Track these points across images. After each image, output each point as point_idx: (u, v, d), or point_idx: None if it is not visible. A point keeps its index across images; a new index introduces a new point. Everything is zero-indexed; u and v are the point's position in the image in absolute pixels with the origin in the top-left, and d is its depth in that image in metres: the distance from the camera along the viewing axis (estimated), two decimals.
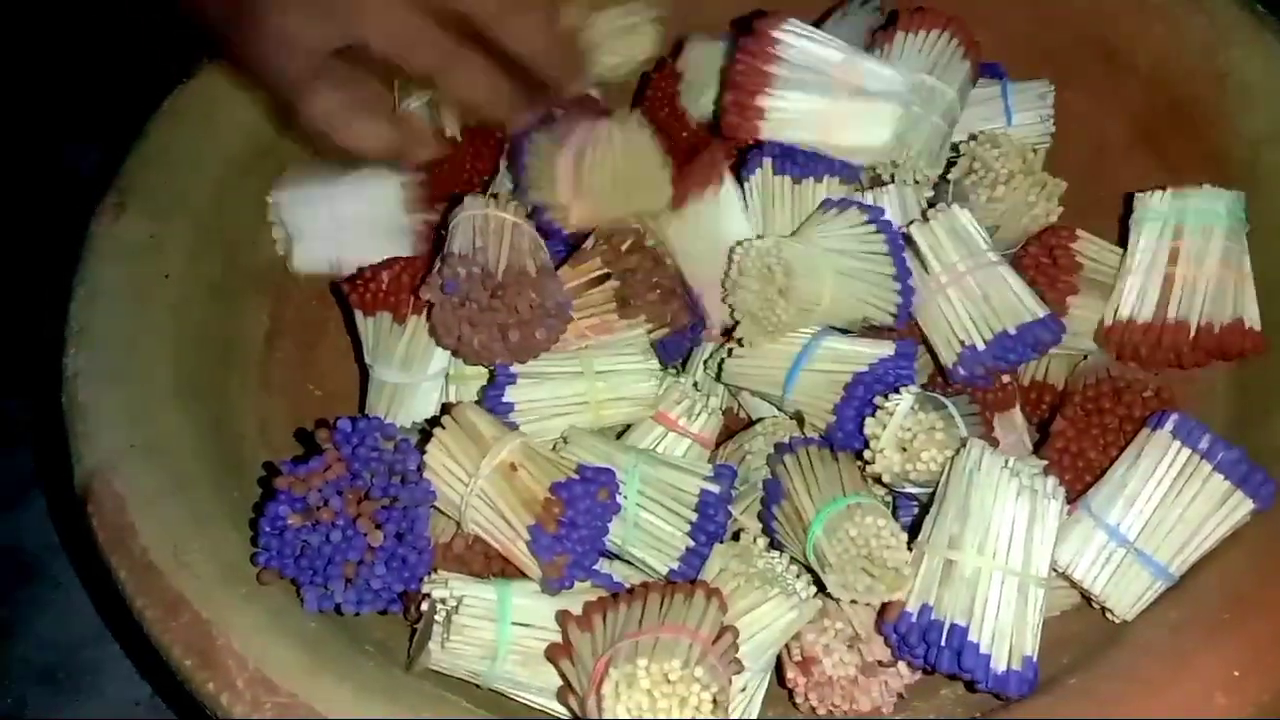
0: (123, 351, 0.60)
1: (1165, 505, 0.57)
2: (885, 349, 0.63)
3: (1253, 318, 0.64)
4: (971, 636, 0.53)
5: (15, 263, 0.93)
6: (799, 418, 0.65)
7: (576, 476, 0.57)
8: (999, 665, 0.53)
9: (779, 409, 0.66)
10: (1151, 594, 0.57)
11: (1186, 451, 0.57)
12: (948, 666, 0.54)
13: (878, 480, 0.60)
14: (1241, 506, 0.56)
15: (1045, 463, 0.62)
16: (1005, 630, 0.53)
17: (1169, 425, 0.58)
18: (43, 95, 1.02)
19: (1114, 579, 0.57)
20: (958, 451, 0.58)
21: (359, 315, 0.68)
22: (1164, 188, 0.66)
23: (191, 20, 0.57)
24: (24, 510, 0.81)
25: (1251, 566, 0.55)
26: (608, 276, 0.66)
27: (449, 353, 0.65)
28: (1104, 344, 0.67)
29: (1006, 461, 0.56)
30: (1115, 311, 0.66)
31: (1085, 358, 0.68)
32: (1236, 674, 0.50)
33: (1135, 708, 0.50)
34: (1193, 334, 0.64)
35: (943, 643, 0.53)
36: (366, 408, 0.68)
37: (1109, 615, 0.58)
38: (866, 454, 0.59)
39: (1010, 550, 0.55)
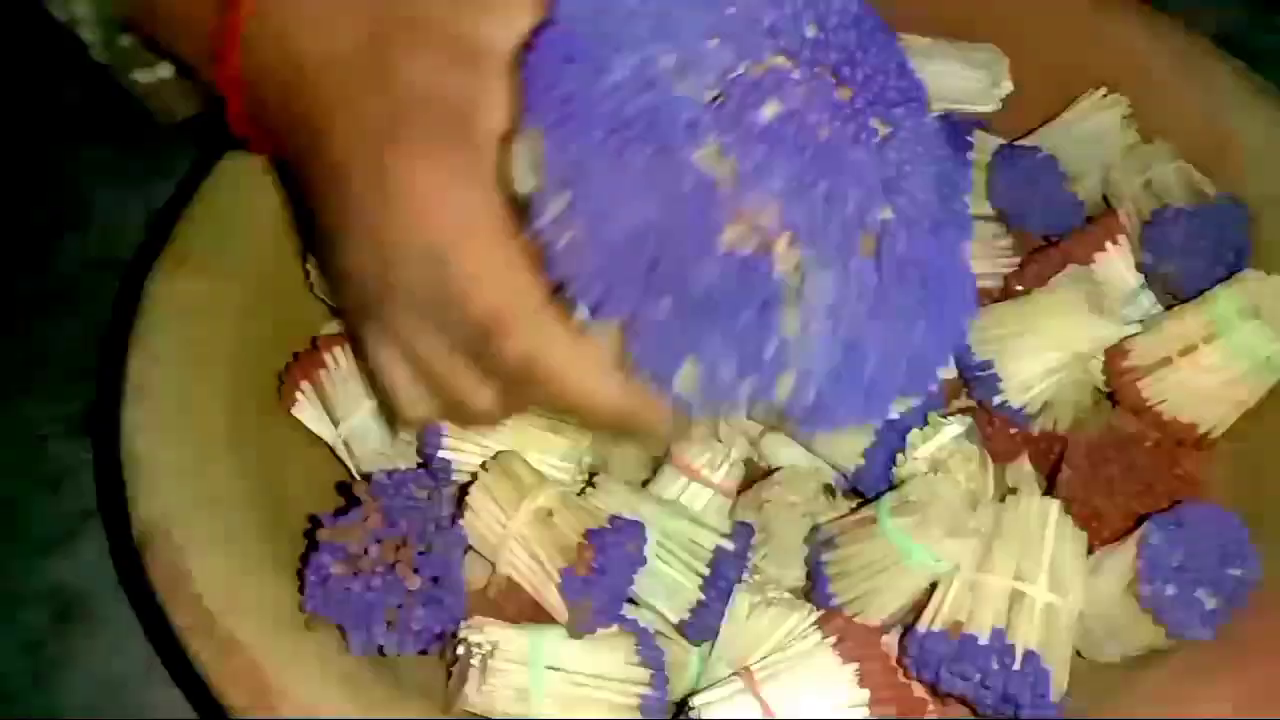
0: (178, 407, 0.62)
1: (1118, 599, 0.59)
2: (915, 398, 0.64)
3: (1210, 426, 0.65)
4: (1044, 664, 0.54)
5: (62, 297, 0.95)
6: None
7: (609, 526, 0.60)
8: (1055, 696, 0.54)
9: (807, 448, 0.68)
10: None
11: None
12: (1015, 691, 0.53)
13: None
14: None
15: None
16: (1061, 662, 0.55)
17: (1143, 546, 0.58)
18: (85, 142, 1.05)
19: None
20: (1011, 492, 0.60)
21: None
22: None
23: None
24: (72, 549, 0.82)
25: (1251, 610, 0.56)
26: None
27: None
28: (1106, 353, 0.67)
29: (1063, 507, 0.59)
30: (1124, 339, 0.66)
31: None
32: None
33: None
34: (1140, 399, 0.65)
35: (1017, 666, 0.53)
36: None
37: None
38: (897, 458, 0.61)
39: (1073, 589, 0.57)
